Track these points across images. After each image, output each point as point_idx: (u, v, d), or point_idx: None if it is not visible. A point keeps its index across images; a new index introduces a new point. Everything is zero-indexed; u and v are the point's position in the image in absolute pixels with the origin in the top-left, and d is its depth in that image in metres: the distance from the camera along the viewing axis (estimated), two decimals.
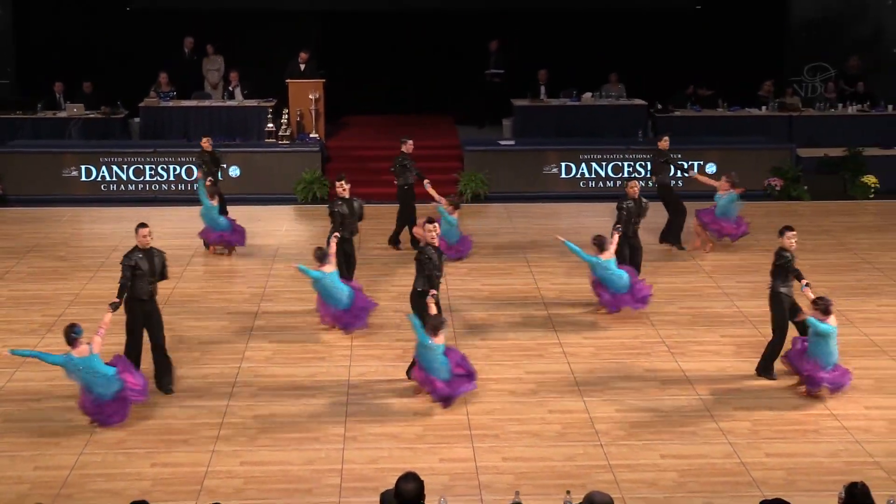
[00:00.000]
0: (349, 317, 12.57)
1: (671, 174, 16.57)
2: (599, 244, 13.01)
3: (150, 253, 11.07)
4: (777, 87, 21.63)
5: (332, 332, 12.67)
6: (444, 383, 10.58)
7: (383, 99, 22.57)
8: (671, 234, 15.92)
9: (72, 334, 10.00)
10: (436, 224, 11.66)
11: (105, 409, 10.19)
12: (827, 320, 10.68)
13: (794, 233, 11.51)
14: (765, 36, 22.24)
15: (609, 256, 13.00)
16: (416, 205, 15.90)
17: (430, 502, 7.30)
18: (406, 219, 15.77)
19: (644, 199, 13.96)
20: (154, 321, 11.13)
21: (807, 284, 11.24)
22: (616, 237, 13.37)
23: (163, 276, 11.25)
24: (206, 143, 16.46)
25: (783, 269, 11.29)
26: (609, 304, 13.14)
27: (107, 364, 10.24)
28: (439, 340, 10.58)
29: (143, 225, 11.16)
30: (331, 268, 12.64)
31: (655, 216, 15.44)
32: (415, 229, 14.69)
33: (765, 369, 11.35)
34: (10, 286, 14.37)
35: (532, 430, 10.27)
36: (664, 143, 16.05)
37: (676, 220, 15.93)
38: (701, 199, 16.29)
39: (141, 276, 10.88)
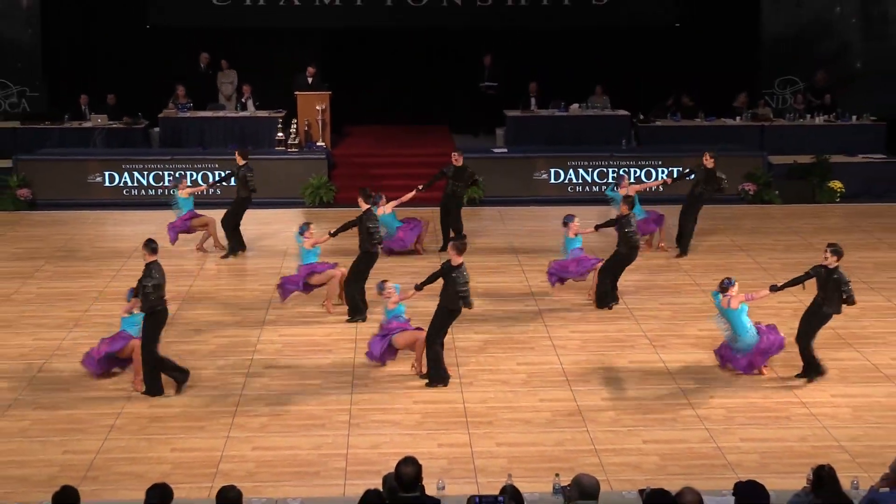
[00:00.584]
0: None
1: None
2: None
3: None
4: (750, 99, 21.64)
5: (338, 327, 12.67)
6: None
7: (385, 110, 22.52)
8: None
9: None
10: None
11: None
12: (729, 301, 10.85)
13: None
14: (739, 52, 22.22)
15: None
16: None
17: (429, 484, 7.32)
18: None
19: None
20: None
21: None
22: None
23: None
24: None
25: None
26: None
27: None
28: (391, 305, 11.17)
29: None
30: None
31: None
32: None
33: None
34: (39, 284, 14.37)
35: (524, 418, 10.28)
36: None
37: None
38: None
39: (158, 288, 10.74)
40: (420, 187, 15.75)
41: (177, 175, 18.16)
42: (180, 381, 10.82)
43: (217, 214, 15.82)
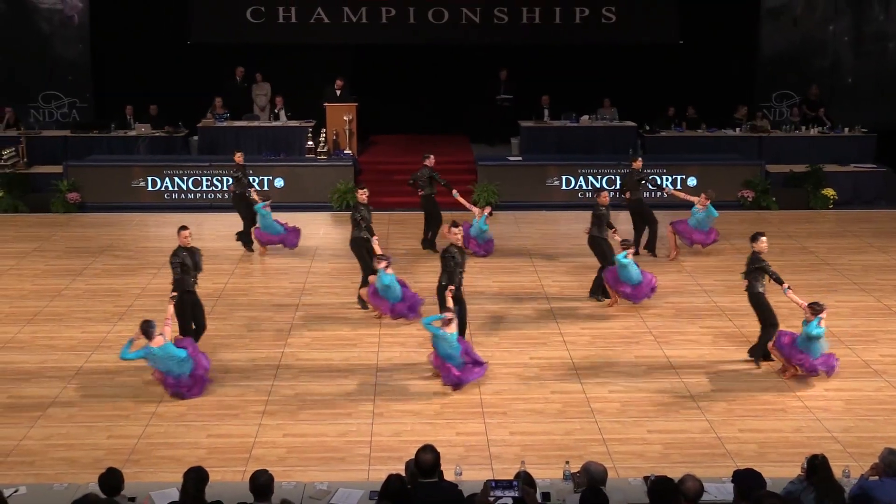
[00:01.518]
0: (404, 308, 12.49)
1: (643, 191, 16.20)
2: (627, 246, 13.09)
3: (191, 251, 11.22)
4: (749, 112, 21.55)
5: (362, 323, 12.66)
6: (457, 369, 10.56)
7: (407, 120, 22.54)
8: (649, 243, 15.75)
9: (149, 329, 10.08)
10: (460, 227, 11.59)
11: (183, 385, 10.33)
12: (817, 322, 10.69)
13: (765, 238, 11.39)
14: (738, 67, 22.16)
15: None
16: (444, 211, 15.88)
17: (447, 470, 7.30)
18: (435, 224, 15.69)
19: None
20: (199, 308, 11.38)
21: (788, 288, 11.05)
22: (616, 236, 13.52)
23: (199, 268, 11.37)
24: (238, 157, 16.09)
25: (760, 271, 11.15)
26: (632, 297, 13.11)
27: (177, 347, 10.35)
28: (451, 329, 10.55)
29: (184, 227, 11.36)
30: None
31: (627, 226, 15.51)
32: (442, 231, 14.53)
33: (758, 355, 11.28)
34: (87, 281, 14.42)
35: (536, 409, 10.24)
36: (638, 163, 15.73)
37: (651, 229, 15.73)
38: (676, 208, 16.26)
39: (186, 270, 11.08)
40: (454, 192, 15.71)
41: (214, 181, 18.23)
42: None
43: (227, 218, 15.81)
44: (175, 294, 10.92)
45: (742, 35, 22.14)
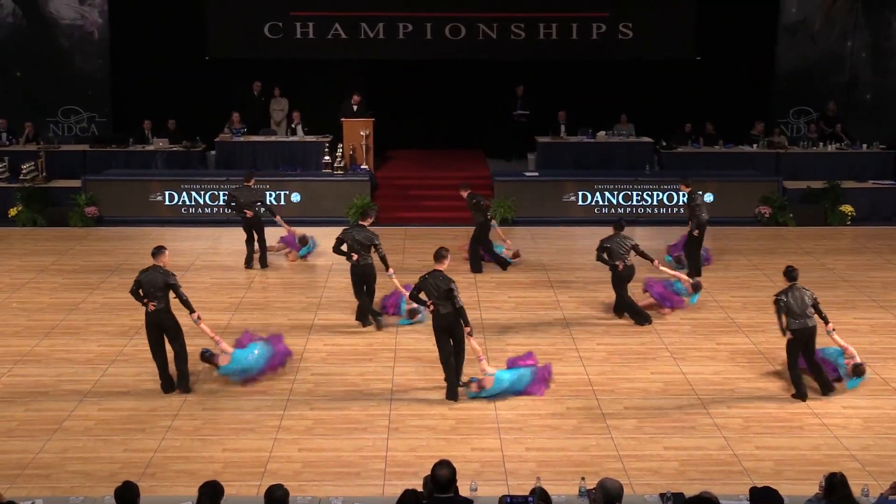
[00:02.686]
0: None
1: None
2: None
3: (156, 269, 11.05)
4: (766, 128, 21.49)
5: (378, 337, 12.68)
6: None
7: (424, 135, 22.60)
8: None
9: (209, 356, 10.97)
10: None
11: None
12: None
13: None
14: (756, 83, 22.13)
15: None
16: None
17: (462, 486, 7.28)
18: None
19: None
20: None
21: (833, 329, 10.99)
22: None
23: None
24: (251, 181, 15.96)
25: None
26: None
27: (241, 345, 11.13)
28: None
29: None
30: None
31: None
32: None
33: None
34: (104, 294, 14.48)
35: (551, 424, 10.21)
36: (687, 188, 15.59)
37: None
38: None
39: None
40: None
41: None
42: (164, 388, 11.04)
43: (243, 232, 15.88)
44: (197, 314, 10.91)
45: (759, 51, 22.12)
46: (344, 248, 13.01)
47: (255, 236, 15.73)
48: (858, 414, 10.46)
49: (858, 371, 10.93)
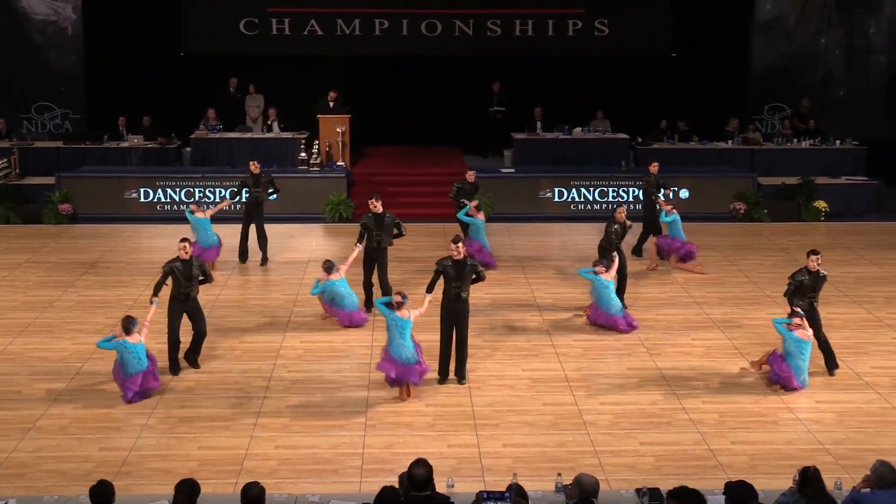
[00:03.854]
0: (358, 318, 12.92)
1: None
2: (607, 265, 12.90)
3: (187, 262, 11.27)
4: (741, 124, 21.61)
5: (354, 335, 12.67)
6: (399, 365, 10.63)
7: (401, 132, 22.57)
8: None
9: (130, 326, 10.58)
10: (461, 243, 11.30)
11: (129, 384, 10.55)
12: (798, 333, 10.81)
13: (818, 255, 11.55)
14: (730, 80, 22.25)
15: (610, 278, 12.91)
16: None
17: (439, 482, 7.29)
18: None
19: (628, 222, 13.81)
20: (198, 316, 11.50)
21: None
22: (616, 261, 13.22)
23: (191, 279, 11.31)
24: (253, 166, 15.92)
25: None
26: (599, 320, 12.92)
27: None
28: (404, 315, 10.67)
29: (184, 239, 11.48)
30: (338, 276, 12.90)
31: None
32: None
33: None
34: (79, 292, 14.39)
35: (528, 420, 10.23)
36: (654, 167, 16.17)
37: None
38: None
39: (176, 279, 11.22)
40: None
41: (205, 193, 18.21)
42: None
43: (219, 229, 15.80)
44: (155, 299, 11.20)
45: (734, 48, 22.24)
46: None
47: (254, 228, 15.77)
48: (832, 408, 10.55)
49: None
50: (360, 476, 9.05)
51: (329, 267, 12.96)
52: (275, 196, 16.61)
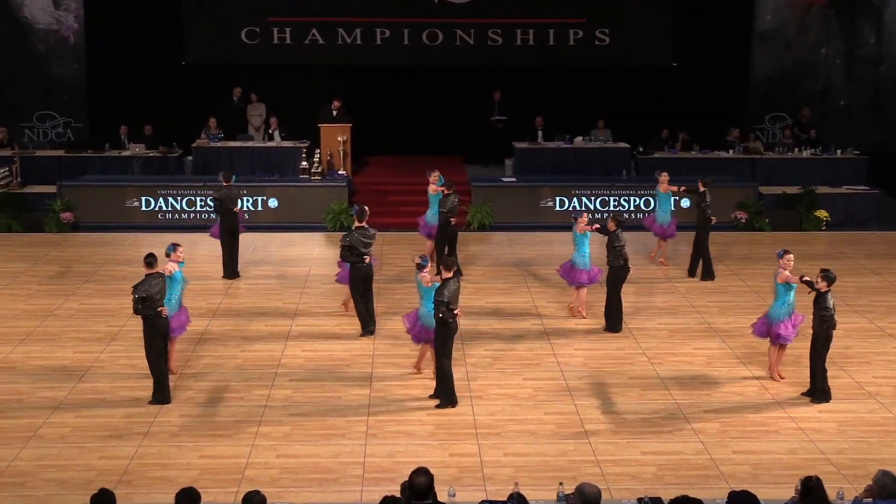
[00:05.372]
0: None
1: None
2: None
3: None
4: (742, 134, 21.61)
5: (356, 344, 12.66)
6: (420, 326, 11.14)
7: (402, 141, 22.58)
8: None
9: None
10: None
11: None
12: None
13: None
14: (731, 89, 22.27)
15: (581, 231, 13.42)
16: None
17: (440, 491, 7.27)
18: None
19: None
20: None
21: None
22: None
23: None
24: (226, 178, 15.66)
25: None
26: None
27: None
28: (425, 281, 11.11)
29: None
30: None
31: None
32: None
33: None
34: (80, 300, 14.38)
35: (529, 430, 10.22)
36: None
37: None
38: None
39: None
40: None
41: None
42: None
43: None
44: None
45: (735, 58, 22.26)
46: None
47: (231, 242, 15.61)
48: (833, 418, 10.54)
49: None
50: (362, 485, 9.03)
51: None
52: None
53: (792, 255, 11.30)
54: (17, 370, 11.70)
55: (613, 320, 13.16)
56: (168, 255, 11.51)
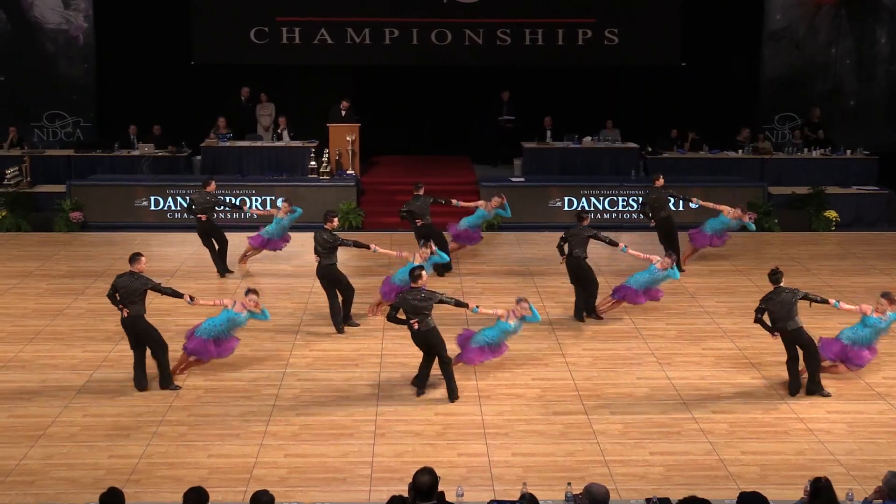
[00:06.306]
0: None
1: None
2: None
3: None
4: (751, 134, 21.59)
5: (364, 343, 12.67)
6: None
7: (410, 141, 22.61)
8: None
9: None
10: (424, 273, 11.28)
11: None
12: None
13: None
14: (741, 89, 22.24)
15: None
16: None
17: (449, 492, 7.28)
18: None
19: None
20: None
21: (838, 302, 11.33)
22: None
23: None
24: (212, 186, 15.83)
25: None
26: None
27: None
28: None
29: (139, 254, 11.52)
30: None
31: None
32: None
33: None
34: (89, 300, 14.43)
35: (538, 430, 10.22)
36: (660, 181, 16.18)
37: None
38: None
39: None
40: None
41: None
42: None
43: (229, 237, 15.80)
44: (188, 295, 11.28)
45: (744, 57, 22.23)
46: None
47: (214, 243, 15.73)
48: (843, 419, 10.51)
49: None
50: (370, 485, 9.04)
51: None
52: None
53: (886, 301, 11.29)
54: (27, 369, 11.75)
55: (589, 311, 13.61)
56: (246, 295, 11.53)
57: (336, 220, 13.60)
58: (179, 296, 11.20)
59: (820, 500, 6.88)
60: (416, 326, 10.70)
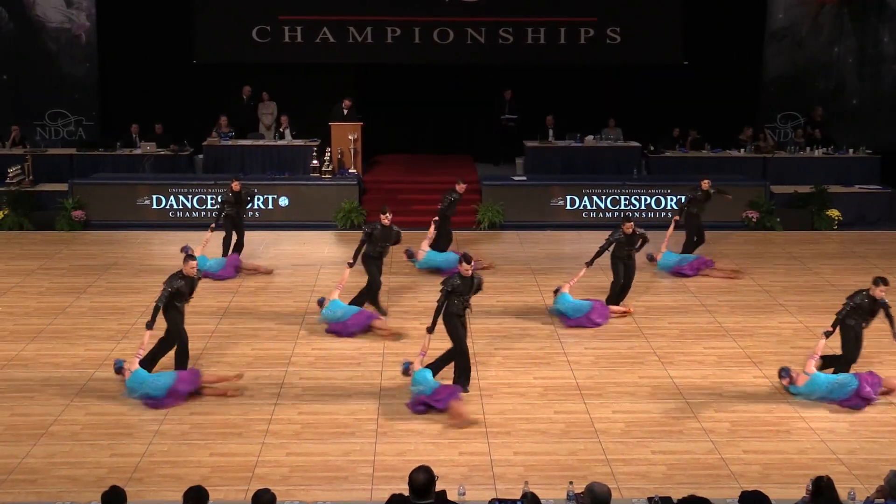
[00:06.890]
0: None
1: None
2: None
3: (190, 280, 11.29)
4: (754, 133, 21.58)
5: (366, 342, 12.68)
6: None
7: (412, 140, 22.63)
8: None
9: (118, 368, 10.90)
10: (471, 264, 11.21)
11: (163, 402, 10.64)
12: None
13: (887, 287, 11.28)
14: (743, 88, 22.24)
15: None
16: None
17: (450, 490, 7.28)
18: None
19: (639, 230, 13.87)
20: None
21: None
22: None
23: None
24: (236, 184, 15.85)
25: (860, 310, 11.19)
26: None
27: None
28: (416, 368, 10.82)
29: (191, 257, 11.41)
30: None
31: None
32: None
33: None
34: (91, 298, 14.44)
35: (539, 429, 10.22)
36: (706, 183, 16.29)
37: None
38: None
39: (179, 297, 11.20)
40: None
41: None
42: None
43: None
44: (151, 321, 10.95)
45: (746, 56, 22.23)
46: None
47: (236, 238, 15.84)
48: (845, 418, 10.50)
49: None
50: (372, 483, 9.04)
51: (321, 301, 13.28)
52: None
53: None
54: (29, 367, 11.76)
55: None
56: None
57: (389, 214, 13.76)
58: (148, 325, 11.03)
59: (822, 500, 6.88)
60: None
